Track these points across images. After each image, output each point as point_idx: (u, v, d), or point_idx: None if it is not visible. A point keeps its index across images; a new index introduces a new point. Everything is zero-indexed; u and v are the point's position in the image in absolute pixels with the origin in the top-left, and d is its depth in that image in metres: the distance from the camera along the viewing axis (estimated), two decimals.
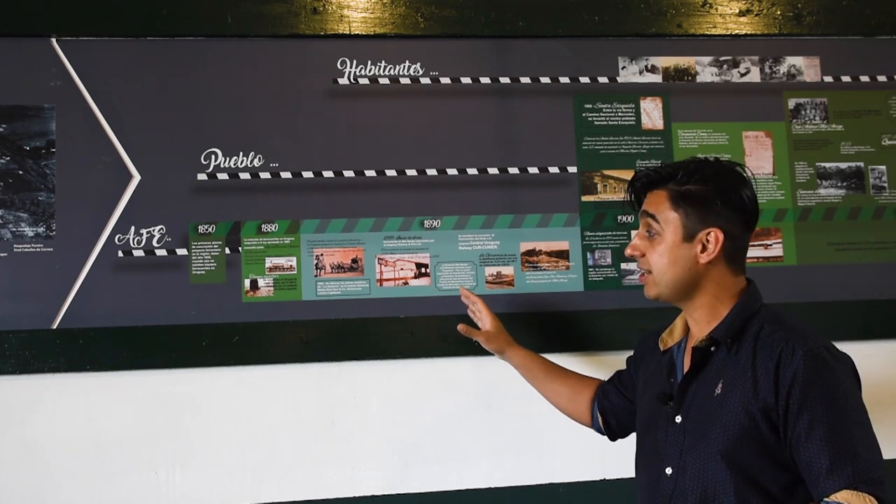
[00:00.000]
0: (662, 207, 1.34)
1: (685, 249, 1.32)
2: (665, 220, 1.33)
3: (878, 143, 2.04)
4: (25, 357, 1.75)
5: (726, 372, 1.29)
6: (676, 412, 1.33)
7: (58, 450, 1.76)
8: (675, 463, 1.31)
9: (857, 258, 1.99)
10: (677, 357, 1.40)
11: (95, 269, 1.80)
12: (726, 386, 1.27)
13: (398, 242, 1.90)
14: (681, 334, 1.42)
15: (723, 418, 1.25)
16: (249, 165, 1.87)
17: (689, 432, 1.30)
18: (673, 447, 1.32)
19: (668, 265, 1.33)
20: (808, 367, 1.21)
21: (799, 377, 1.21)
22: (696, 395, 1.32)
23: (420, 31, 1.93)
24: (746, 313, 1.32)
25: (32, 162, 1.81)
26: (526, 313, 1.89)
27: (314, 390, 1.84)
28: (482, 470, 1.86)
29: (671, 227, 1.33)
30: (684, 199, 1.32)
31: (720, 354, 1.31)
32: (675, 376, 1.38)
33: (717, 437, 1.25)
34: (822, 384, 1.21)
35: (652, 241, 1.35)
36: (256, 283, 1.85)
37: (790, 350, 1.23)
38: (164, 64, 1.86)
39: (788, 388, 1.21)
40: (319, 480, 1.82)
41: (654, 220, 1.34)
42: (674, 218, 1.33)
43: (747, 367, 1.26)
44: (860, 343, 1.88)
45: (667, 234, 1.33)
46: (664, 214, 1.34)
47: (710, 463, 1.25)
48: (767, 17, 2.03)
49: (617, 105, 1.99)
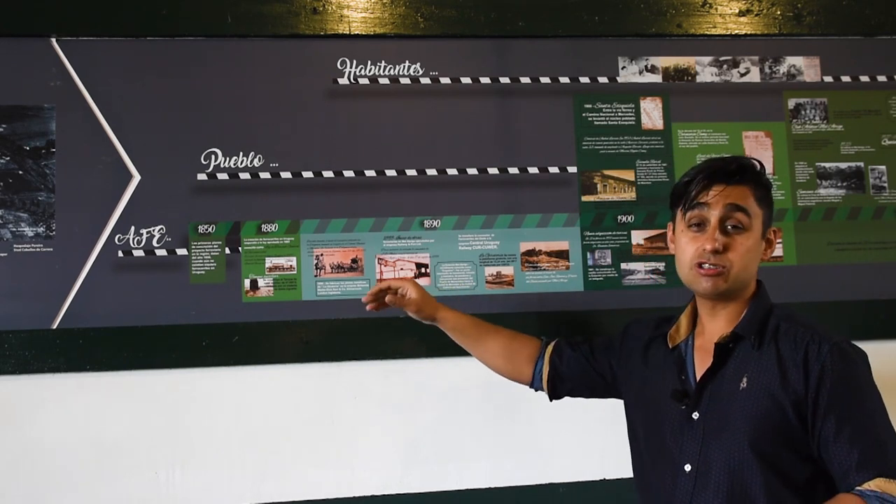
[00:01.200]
0: (750, 202, 1.33)
1: (761, 245, 1.36)
2: (755, 215, 1.34)
3: (878, 143, 2.04)
4: (25, 357, 1.75)
5: (750, 366, 1.30)
6: (693, 409, 1.33)
7: (58, 450, 1.76)
8: (695, 459, 1.30)
9: (857, 258, 2.00)
10: (686, 354, 1.40)
11: (95, 269, 1.80)
12: (752, 379, 1.29)
13: (398, 242, 1.90)
14: (687, 331, 1.42)
15: (750, 411, 1.27)
16: (249, 165, 1.87)
17: (708, 428, 1.30)
18: (690, 444, 1.32)
19: (753, 260, 1.34)
20: (834, 361, 1.24)
21: (828, 370, 1.24)
22: (713, 391, 1.32)
23: (420, 31, 1.93)
24: (764, 311, 1.35)
25: (32, 162, 1.81)
26: (526, 313, 1.89)
27: (314, 390, 1.84)
28: (482, 470, 1.86)
29: (758, 222, 1.34)
30: (767, 197, 1.36)
31: (740, 350, 1.32)
32: (685, 373, 1.38)
33: (745, 428, 1.26)
34: (849, 379, 1.24)
35: (737, 234, 1.32)
36: (256, 283, 1.85)
37: (816, 344, 1.26)
38: (164, 64, 1.86)
39: (818, 380, 1.24)
40: (319, 480, 1.82)
41: (745, 214, 1.32)
42: (759, 214, 1.34)
43: (772, 361, 1.28)
44: (860, 343, 1.87)
45: (755, 228, 1.34)
46: (753, 209, 1.34)
47: (738, 455, 1.26)
48: (767, 17, 2.03)
49: (617, 105, 1.99)
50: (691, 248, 1.34)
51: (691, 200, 1.35)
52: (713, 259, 1.32)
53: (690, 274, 1.35)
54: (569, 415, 1.87)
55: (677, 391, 1.36)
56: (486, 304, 1.89)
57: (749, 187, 1.33)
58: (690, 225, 1.35)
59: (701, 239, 1.33)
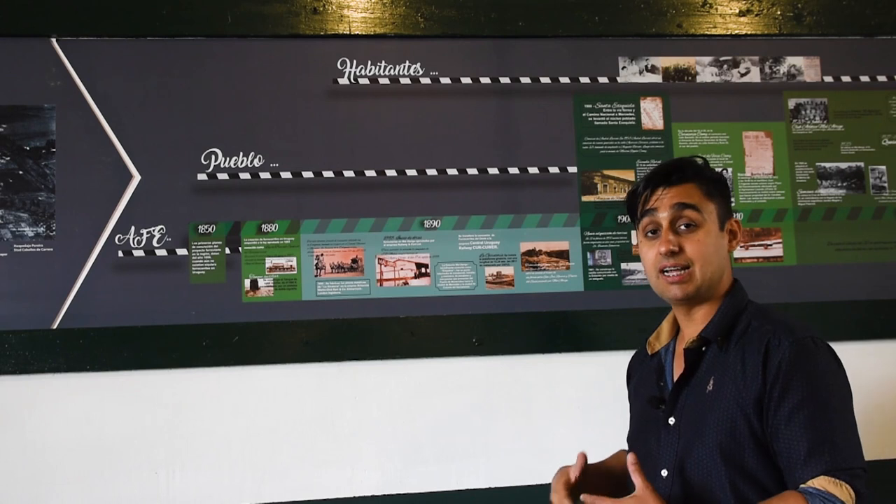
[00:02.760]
0: (697, 198, 1.33)
1: (721, 239, 1.34)
2: (705, 210, 1.33)
3: (878, 143, 2.04)
4: (25, 357, 1.75)
5: (716, 369, 1.29)
6: (669, 414, 1.33)
7: (58, 450, 1.76)
8: (671, 465, 1.30)
9: (857, 258, 1.99)
10: (666, 360, 1.40)
11: (95, 269, 1.80)
12: (717, 382, 1.28)
13: (398, 242, 1.90)
14: (668, 337, 1.42)
15: (716, 415, 1.26)
16: (249, 165, 1.87)
17: (684, 433, 1.30)
18: (668, 449, 1.32)
19: (713, 254, 1.32)
20: (792, 354, 1.22)
21: (784, 365, 1.21)
22: (688, 395, 1.32)
23: (420, 31, 1.93)
24: (734, 311, 1.32)
25: (32, 162, 1.81)
26: (526, 313, 1.89)
27: (314, 390, 1.84)
28: (482, 470, 1.86)
29: (711, 216, 1.33)
30: (716, 189, 1.35)
31: (710, 353, 1.31)
32: (664, 380, 1.38)
33: (712, 432, 1.25)
34: (806, 371, 1.21)
35: (690, 232, 1.32)
36: (256, 283, 1.85)
37: (777, 341, 1.24)
38: (164, 64, 1.86)
39: (774, 375, 1.21)
40: (319, 480, 1.82)
41: (694, 210, 1.32)
42: (711, 207, 1.33)
43: (736, 363, 1.26)
44: (860, 343, 1.88)
45: (709, 222, 1.33)
46: (703, 204, 1.33)
47: (707, 460, 1.25)
48: (767, 17, 2.03)
49: (617, 105, 1.99)
50: (651, 255, 1.35)
51: (642, 209, 1.37)
52: (671, 261, 1.31)
53: (658, 283, 1.35)
54: (569, 415, 1.87)
55: (654, 397, 1.36)
56: (486, 304, 1.89)
57: (694, 183, 1.34)
58: (647, 233, 1.37)
59: (657, 243, 1.34)
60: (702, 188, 1.34)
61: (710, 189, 1.34)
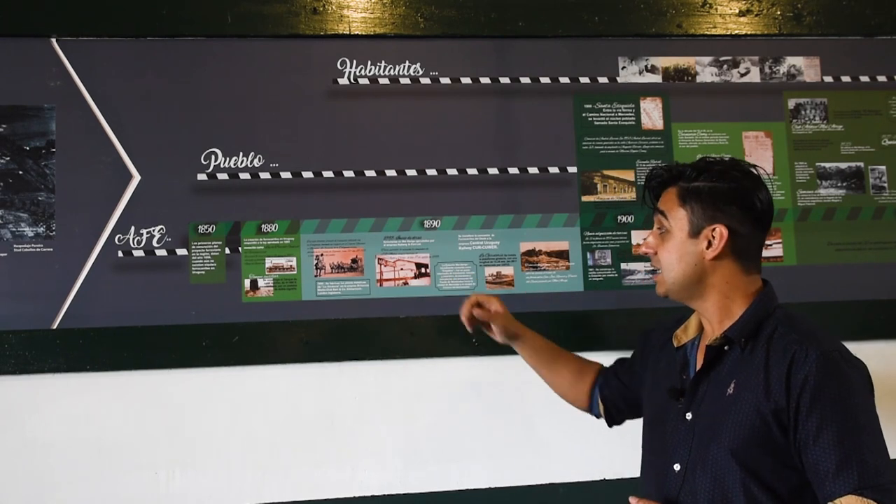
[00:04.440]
0: (672, 204, 1.36)
1: (691, 245, 1.33)
2: (673, 217, 1.35)
3: (878, 143, 2.04)
4: (25, 357, 1.75)
5: (739, 372, 1.29)
6: (687, 409, 1.33)
7: (58, 450, 1.76)
8: (684, 460, 1.31)
9: (857, 258, 1.99)
10: (691, 354, 1.40)
11: (95, 269, 1.80)
12: (739, 386, 1.28)
13: (398, 242, 1.90)
14: (695, 332, 1.42)
15: (734, 417, 1.26)
16: (249, 165, 1.87)
17: (698, 430, 1.30)
18: (682, 444, 1.32)
19: (675, 261, 1.34)
20: (819, 370, 1.21)
21: (811, 380, 1.21)
22: (707, 393, 1.32)
23: (420, 31, 1.93)
24: (761, 314, 1.32)
25: (32, 162, 1.81)
26: (526, 313, 1.88)
27: (314, 390, 1.84)
28: (482, 470, 1.86)
29: (679, 224, 1.34)
30: (691, 196, 1.34)
31: (733, 354, 1.31)
32: (687, 373, 1.38)
33: (729, 435, 1.26)
34: (834, 388, 1.21)
35: (662, 237, 1.37)
36: (256, 283, 1.85)
37: (803, 352, 1.23)
38: (164, 64, 1.86)
39: (800, 390, 1.21)
40: (319, 480, 1.82)
41: (664, 217, 1.36)
42: (681, 214, 1.34)
43: (760, 368, 1.26)
44: (860, 343, 1.86)
45: (675, 230, 1.35)
46: (673, 211, 1.35)
47: (722, 461, 1.26)
48: (767, 17, 2.03)
49: (617, 105, 1.99)
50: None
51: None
52: (652, 262, 1.41)
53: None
54: (569, 415, 1.86)
55: (674, 389, 1.37)
56: None
57: (674, 189, 1.36)
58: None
59: None
60: (679, 194, 1.35)
61: (687, 195, 1.34)
